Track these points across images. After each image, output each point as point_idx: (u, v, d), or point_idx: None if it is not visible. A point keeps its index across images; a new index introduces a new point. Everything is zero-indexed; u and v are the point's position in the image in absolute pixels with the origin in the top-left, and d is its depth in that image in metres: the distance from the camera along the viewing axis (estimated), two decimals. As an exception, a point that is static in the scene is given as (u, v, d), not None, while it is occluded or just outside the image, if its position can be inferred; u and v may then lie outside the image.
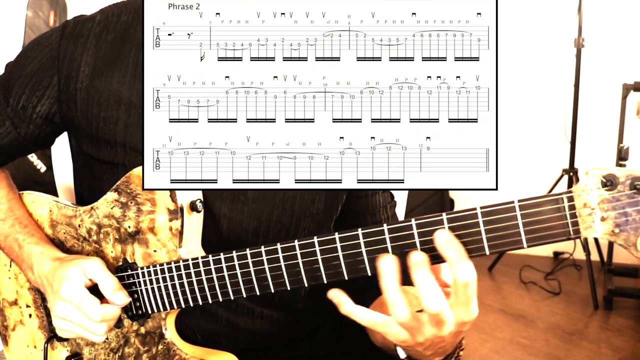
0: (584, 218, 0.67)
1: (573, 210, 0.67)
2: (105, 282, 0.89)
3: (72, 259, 0.93)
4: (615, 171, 0.65)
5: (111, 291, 0.89)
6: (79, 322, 0.89)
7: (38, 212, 1.05)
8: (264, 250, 0.82)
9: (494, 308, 2.87)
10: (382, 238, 0.75)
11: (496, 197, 0.76)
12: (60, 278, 0.90)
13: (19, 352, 1.11)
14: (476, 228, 0.71)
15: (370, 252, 0.76)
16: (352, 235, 0.77)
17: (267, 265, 0.82)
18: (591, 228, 0.67)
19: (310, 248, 0.79)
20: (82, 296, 0.88)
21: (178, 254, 0.90)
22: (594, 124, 3.28)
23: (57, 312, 0.90)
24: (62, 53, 0.97)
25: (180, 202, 0.90)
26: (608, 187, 0.66)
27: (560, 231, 0.68)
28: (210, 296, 0.87)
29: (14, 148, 1.06)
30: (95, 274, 0.90)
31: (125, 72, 0.95)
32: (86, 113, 0.97)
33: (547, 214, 0.68)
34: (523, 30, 3.39)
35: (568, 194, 0.68)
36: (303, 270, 0.80)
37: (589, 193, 0.66)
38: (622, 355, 2.45)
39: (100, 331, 0.89)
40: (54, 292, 0.91)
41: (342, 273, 0.79)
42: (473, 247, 0.71)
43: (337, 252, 0.78)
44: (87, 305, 0.88)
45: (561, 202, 0.68)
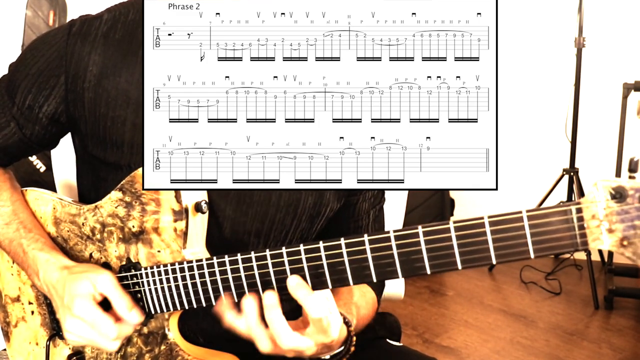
0: (592, 230, 0.66)
1: (581, 221, 0.67)
2: (119, 301, 0.88)
3: (81, 270, 0.92)
4: (625, 183, 0.65)
5: (126, 310, 0.88)
6: (91, 339, 0.89)
7: (41, 210, 1.05)
8: (269, 254, 0.82)
9: (494, 308, 2.87)
10: (388, 245, 0.75)
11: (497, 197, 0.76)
12: (71, 294, 0.89)
13: (21, 349, 1.11)
14: (483, 237, 0.70)
15: (377, 259, 0.76)
16: (358, 241, 0.77)
17: (271, 268, 0.82)
18: (599, 240, 0.66)
19: (316, 253, 0.79)
20: (96, 316, 0.87)
21: (182, 255, 0.90)
22: (594, 123, 3.27)
23: (68, 328, 0.90)
24: (70, 52, 0.96)
25: (185, 203, 0.89)
26: (617, 199, 0.65)
27: (567, 242, 0.68)
28: (214, 298, 0.87)
29: (19, 149, 1.05)
30: (107, 290, 0.89)
31: (133, 71, 0.95)
32: (94, 113, 0.97)
33: (555, 224, 0.68)
34: (523, 30, 3.39)
35: (576, 205, 0.67)
36: (308, 275, 0.80)
37: (598, 205, 0.66)
38: (623, 355, 2.45)
39: (113, 347, 0.89)
40: (65, 307, 0.90)
41: (347, 279, 0.79)
42: (480, 257, 0.71)
43: (342, 257, 0.78)
44: (102, 325, 0.87)
45: (569, 213, 0.67)
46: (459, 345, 2.54)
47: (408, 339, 2.57)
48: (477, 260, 0.71)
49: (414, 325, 2.71)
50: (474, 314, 2.81)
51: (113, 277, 0.91)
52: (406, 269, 0.75)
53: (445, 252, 0.72)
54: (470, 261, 0.72)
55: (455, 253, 0.72)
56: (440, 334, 2.63)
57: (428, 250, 0.73)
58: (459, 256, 0.72)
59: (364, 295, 1.04)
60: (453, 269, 0.72)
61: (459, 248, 0.72)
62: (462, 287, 3.08)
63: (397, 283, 1.49)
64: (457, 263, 0.72)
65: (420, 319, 2.77)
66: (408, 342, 2.55)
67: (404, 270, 0.75)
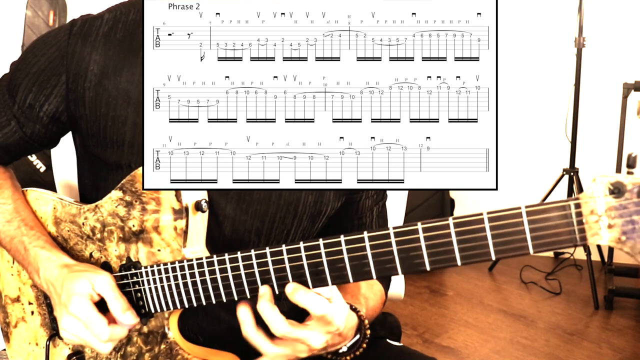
0: (591, 225, 0.67)
1: (580, 217, 0.67)
2: (114, 302, 0.89)
3: (81, 269, 0.93)
4: (623, 179, 0.65)
5: (120, 311, 0.88)
6: (84, 339, 0.89)
7: (42, 209, 1.05)
8: (268, 251, 0.82)
9: (494, 308, 2.87)
10: (387, 241, 0.76)
11: (497, 197, 0.76)
12: (69, 292, 0.89)
13: (21, 349, 1.11)
14: (482, 233, 0.71)
15: (377, 255, 0.77)
16: (357, 238, 0.77)
17: (271, 266, 0.82)
18: (598, 235, 0.67)
19: (316, 250, 0.80)
20: (91, 315, 0.88)
21: (182, 254, 0.90)
22: (594, 123, 3.28)
23: (64, 326, 0.90)
24: (71, 52, 0.97)
25: (186, 202, 0.89)
26: (615, 194, 0.65)
27: (566, 237, 0.68)
28: (214, 297, 0.87)
29: (19, 147, 1.06)
30: (104, 291, 0.89)
31: (134, 71, 0.95)
32: (94, 112, 0.97)
33: (553, 220, 0.68)
34: (523, 30, 3.39)
35: (575, 201, 0.67)
36: (308, 272, 0.80)
37: (596, 200, 0.66)
38: (623, 355, 2.45)
39: (105, 349, 0.89)
40: (62, 304, 0.90)
41: (347, 276, 0.79)
42: (479, 252, 0.71)
43: (342, 254, 0.78)
44: (95, 325, 0.87)
45: (568, 208, 0.67)
46: (459, 345, 2.54)
47: (408, 339, 2.57)
48: (476, 256, 0.72)
49: (414, 325, 2.71)
50: (474, 314, 2.81)
51: (111, 278, 0.91)
52: (406, 265, 0.75)
53: (445, 248, 0.73)
54: (469, 257, 0.72)
55: (454, 249, 0.72)
56: (440, 334, 2.63)
57: (427, 246, 0.74)
58: (458, 252, 0.72)
59: (372, 287, 1.04)
60: (452, 264, 0.73)
61: (459, 244, 0.72)
62: (462, 287, 3.08)
63: (397, 283, 1.49)
64: (456, 259, 0.72)
65: (420, 319, 2.77)
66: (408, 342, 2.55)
67: (404, 266, 0.76)
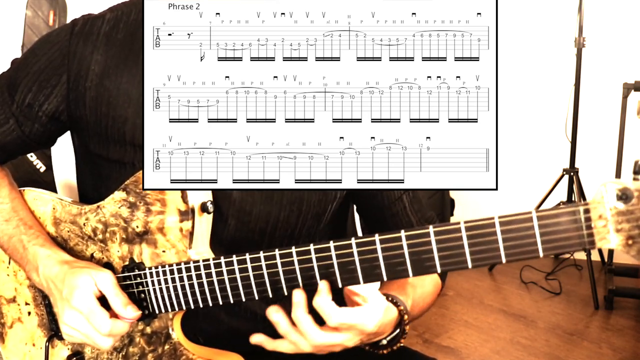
0: (599, 229, 0.69)
1: (589, 221, 0.69)
2: (115, 298, 0.89)
3: (82, 265, 0.93)
4: (630, 185, 0.68)
5: (121, 306, 0.88)
6: (86, 333, 0.89)
7: (41, 210, 1.05)
8: (278, 253, 0.82)
9: (495, 308, 2.87)
10: (399, 244, 0.76)
11: (497, 197, 0.77)
12: (71, 286, 0.89)
13: (16, 349, 1.10)
14: (493, 237, 0.72)
15: (388, 258, 0.77)
16: (369, 241, 0.78)
17: (280, 268, 0.82)
18: (606, 239, 0.69)
19: (326, 252, 0.80)
20: (93, 307, 0.88)
21: (188, 255, 0.90)
22: (594, 123, 3.27)
23: (65, 320, 0.90)
24: (72, 51, 0.97)
25: (192, 203, 0.89)
26: (623, 200, 0.68)
27: (576, 242, 0.70)
28: (221, 297, 0.87)
29: (17, 146, 1.06)
30: (105, 287, 0.90)
31: (136, 71, 0.95)
32: (95, 112, 0.97)
33: (563, 224, 0.70)
34: (523, 30, 3.38)
35: (584, 206, 0.69)
36: (317, 275, 0.80)
37: (605, 205, 0.68)
38: (623, 355, 2.45)
39: (106, 344, 0.89)
40: (64, 299, 0.90)
41: (357, 278, 0.79)
42: (490, 256, 0.73)
43: (353, 256, 0.78)
44: (97, 317, 0.87)
45: (578, 213, 0.69)
46: (459, 345, 2.54)
47: (408, 339, 2.56)
48: (487, 259, 0.73)
49: (414, 325, 2.71)
50: (474, 314, 2.81)
51: (113, 276, 0.91)
52: (417, 268, 0.76)
53: (456, 252, 0.74)
54: (480, 260, 0.73)
55: (465, 252, 0.73)
56: (440, 334, 2.63)
57: (439, 249, 0.75)
58: (469, 255, 0.73)
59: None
60: (463, 267, 0.74)
61: (470, 247, 0.73)
62: (462, 287, 3.08)
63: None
64: (467, 262, 0.74)
65: (420, 319, 2.76)
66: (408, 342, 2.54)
67: (415, 269, 0.76)
